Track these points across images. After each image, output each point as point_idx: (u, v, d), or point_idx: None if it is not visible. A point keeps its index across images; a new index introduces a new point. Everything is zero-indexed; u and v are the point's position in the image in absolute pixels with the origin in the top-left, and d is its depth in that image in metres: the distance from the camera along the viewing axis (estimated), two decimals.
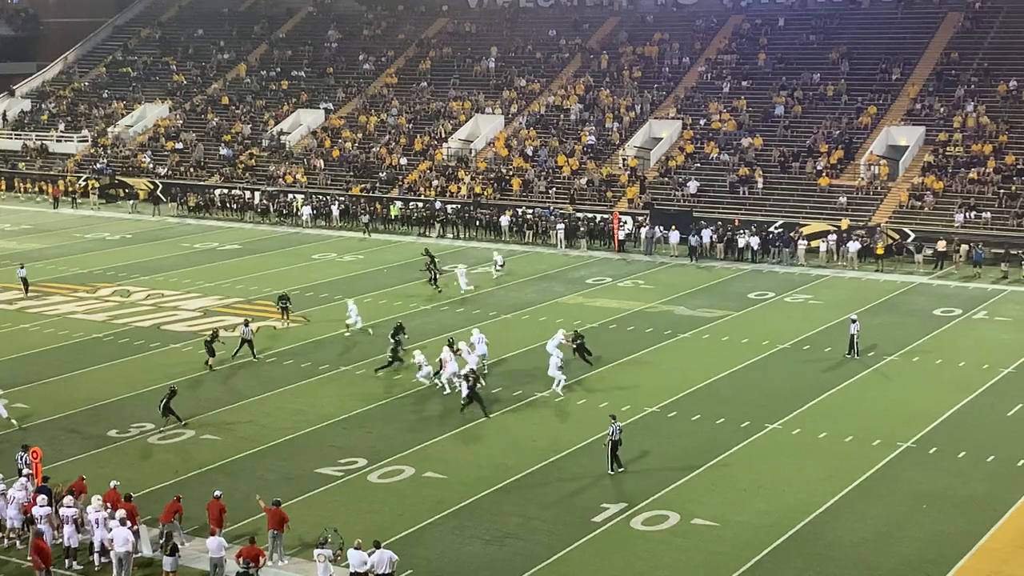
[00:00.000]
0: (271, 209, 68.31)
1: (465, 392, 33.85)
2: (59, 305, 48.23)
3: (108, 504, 25.01)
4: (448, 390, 35.60)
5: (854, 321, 39.41)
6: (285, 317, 44.11)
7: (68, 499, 25.04)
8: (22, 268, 50.94)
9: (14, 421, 33.20)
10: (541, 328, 42.95)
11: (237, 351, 39.86)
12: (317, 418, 33.69)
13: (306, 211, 66.75)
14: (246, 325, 40.66)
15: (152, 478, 28.51)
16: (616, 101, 72.88)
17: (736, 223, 58.17)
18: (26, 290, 49.62)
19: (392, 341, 38.23)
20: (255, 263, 56.35)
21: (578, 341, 38.13)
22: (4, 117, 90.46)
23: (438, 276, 49.30)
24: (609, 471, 29.18)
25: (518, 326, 43.62)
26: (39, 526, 24.60)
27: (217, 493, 25.77)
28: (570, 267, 55.15)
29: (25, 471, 26.69)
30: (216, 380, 37.69)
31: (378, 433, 32.51)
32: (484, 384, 35.43)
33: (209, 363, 38.65)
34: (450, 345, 36.94)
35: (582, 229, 59.87)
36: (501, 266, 52.13)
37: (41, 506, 24.74)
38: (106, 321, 45.44)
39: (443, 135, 73.96)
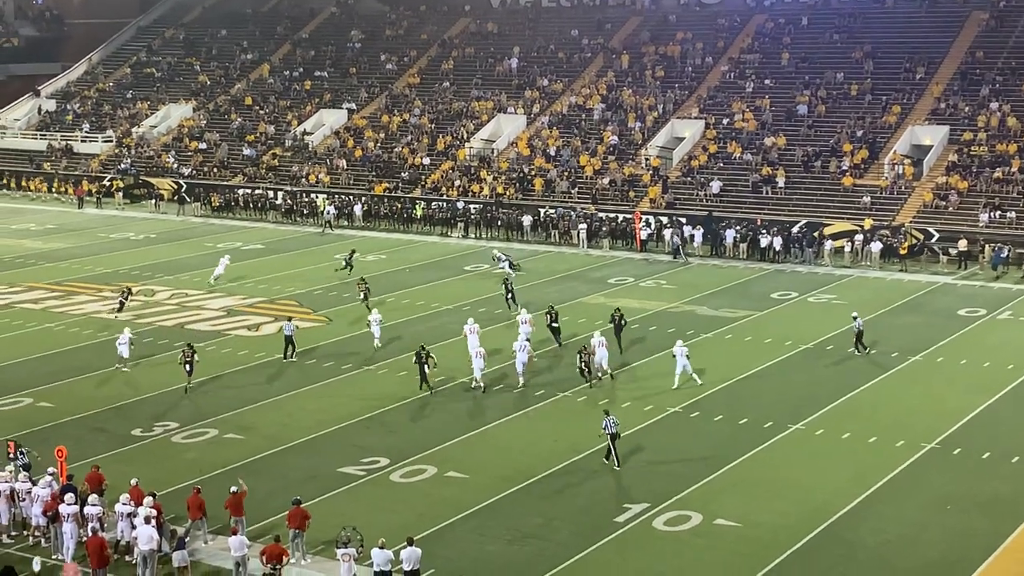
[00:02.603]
0: (294, 209, 68.53)
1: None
2: (83, 305, 48.51)
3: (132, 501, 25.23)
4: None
5: (855, 318, 39.55)
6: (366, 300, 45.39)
7: (93, 497, 25.20)
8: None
9: None
10: (563, 328, 42.97)
11: (287, 351, 39.44)
12: (340, 417, 33.79)
13: (330, 211, 66.95)
14: (289, 321, 40.82)
15: (176, 477, 28.66)
16: (638, 101, 72.76)
17: (759, 223, 58.00)
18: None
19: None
20: (278, 263, 56.55)
21: (554, 323, 39.90)
22: (40, 113, 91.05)
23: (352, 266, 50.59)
24: (616, 467, 29.32)
25: (540, 326, 43.55)
26: (66, 524, 24.74)
27: (233, 488, 25.90)
28: (592, 267, 55.10)
29: (50, 469, 26.85)
30: (240, 380, 37.84)
31: (400, 433, 32.58)
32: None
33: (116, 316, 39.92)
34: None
35: (604, 229, 59.82)
36: (504, 260, 51.91)
37: (69, 504, 24.90)
38: (131, 321, 45.67)
39: (465, 135, 74.03)
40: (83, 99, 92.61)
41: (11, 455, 28.10)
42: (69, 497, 25.08)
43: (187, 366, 36.64)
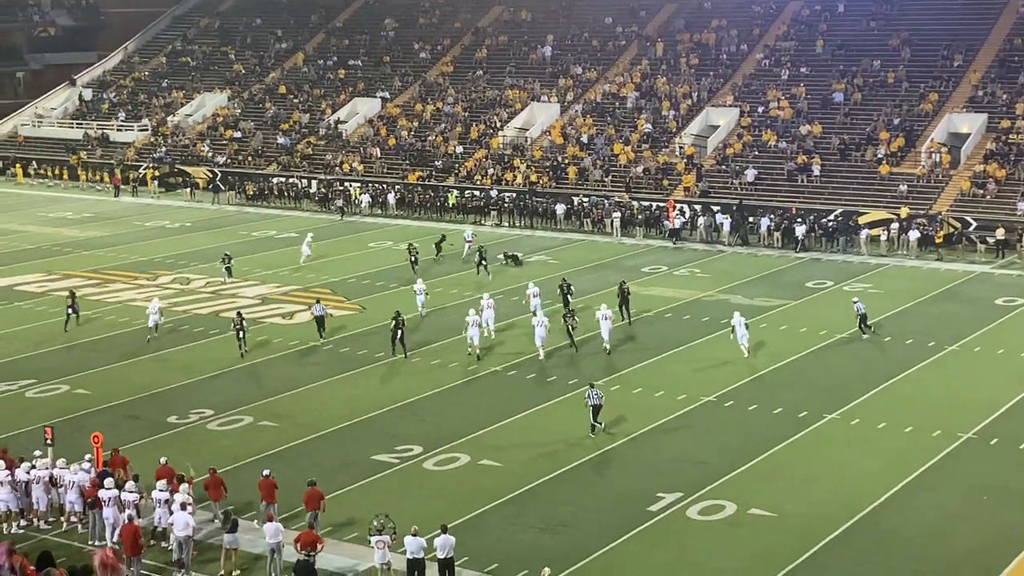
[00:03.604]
0: (328, 197, 68.74)
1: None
2: (119, 292, 48.87)
3: (157, 478, 25.59)
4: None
5: (856, 302, 40.42)
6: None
7: (130, 484, 25.41)
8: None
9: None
10: (594, 319, 42.96)
11: (322, 333, 40.38)
12: (373, 405, 33.91)
13: (364, 199, 67.08)
14: (317, 303, 41.45)
15: (211, 463, 28.67)
16: (673, 89, 72.47)
17: (794, 211, 57.69)
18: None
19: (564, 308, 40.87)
20: (312, 251, 56.70)
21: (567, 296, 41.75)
22: (77, 102, 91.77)
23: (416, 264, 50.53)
24: (591, 433, 30.62)
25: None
26: (107, 509, 24.95)
27: (266, 472, 26.04)
28: (625, 255, 55.00)
29: (88, 456, 27.10)
30: (275, 367, 38.03)
31: (433, 420, 32.69)
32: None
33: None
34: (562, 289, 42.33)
35: (639, 217, 59.68)
36: (470, 241, 53.28)
37: (108, 488, 25.11)
38: (165, 309, 45.95)
39: (499, 123, 73.99)
40: (119, 88, 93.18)
41: (48, 440, 28.37)
42: (108, 482, 25.30)
43: (240, 332, 38.96)
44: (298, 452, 30.46)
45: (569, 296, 42.85)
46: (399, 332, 38.22)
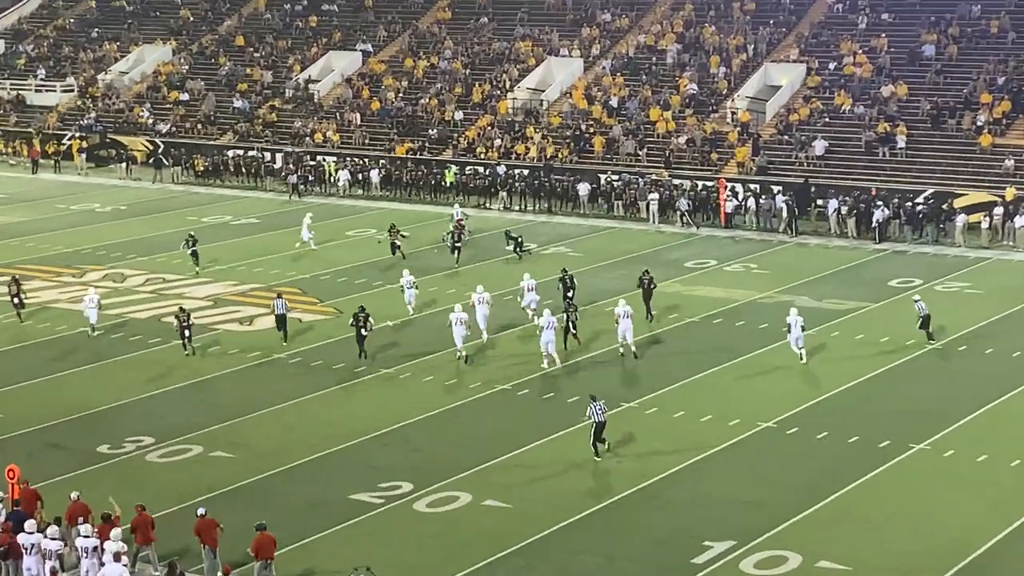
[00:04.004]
0: (297, 175, 68.79)
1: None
2: (39, 292, 48.92)
3: (70, 520, 25.65)
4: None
5: (917, 301, 40.64)
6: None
7: (52, 529, 25.39)
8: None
9: None
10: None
11: (285, 336, 41.52)
12: (352, 431, 33.91)
13: (343, 177, 67.17)
14: (279, 298, 41.98)
15: (152, 504, 28.75)
16: (724, 40, 72.36)
17: (873, 193, 57.64)
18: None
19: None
20: (277, 241, 56.77)
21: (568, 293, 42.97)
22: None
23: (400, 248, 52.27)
24: (596, 457, 31.31)
25: (600, 322, 43.49)
26: (28, 558, 24.91)
27: (201, 511, 26.06)
28: (665, 247, 54.95)
29: None
30: (231, 385, 38.09)
31: (427, 451, 32.66)
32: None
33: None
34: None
35: (681, 200, 59.66)
36: (460, 219, 54.50)
37: (29, 532, 25.07)
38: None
39: (508, 83, 73.97)
40: (37, 39, 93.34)
41: None
42: (29, 524, 25.27)
43: (184, 331, 40.29)
44: (258, 490, 30.45)
45: (571, 292, 43.60)
46: (362, 330, 39.54)
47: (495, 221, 59.89)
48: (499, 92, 73.53)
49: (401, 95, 76.02)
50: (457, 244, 52.03)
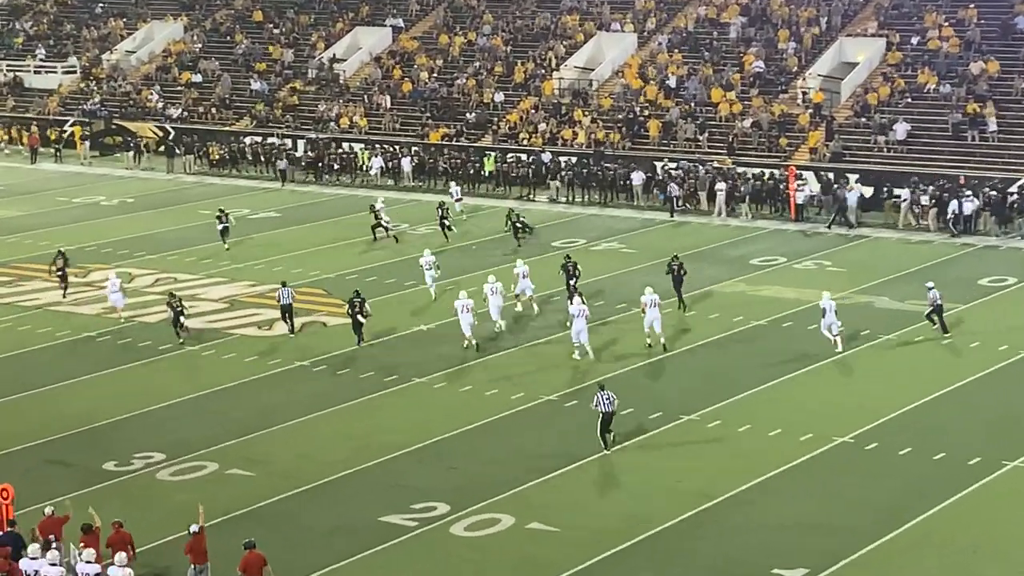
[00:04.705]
0: (320, 163, 69.04)
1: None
2: (38, 293, 49.27)
3: (43, 537, 25.86)
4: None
5: (930, 288, 41.40)
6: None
7: (53, 553, 25.52)
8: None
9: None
10: (689, 325, 42.78)
11: (292, 327, 43.09)
12: (382, 447, 33.96)
13: (375, 165, 67.34)
14: (283, 286, 43.55)
15: (161, 527, 28.92)
16: (793, 12, 72.11)
17: (961, 181, 57.34)
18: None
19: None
20: (298, 237, 57.01)
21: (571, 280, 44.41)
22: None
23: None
24: (604, 449, 32.67)
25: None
26: None
27: (194, 528, 26.23)
28: (728, 241, 54.87)
29: None
30: (248, 396, 38.22)
31: (465, 469, 32.69)
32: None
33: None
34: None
35: (742, 189, 59.53)
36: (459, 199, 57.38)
37: (32, 558, 25.22)
38: (101, 315, 46.31)
39: (554, 61, 73.95)
40: (37, 15, 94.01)
41: None
42: (33, 549, 25.37)
43: (179, 318, 42.14)
44: (278, 511, 30.52)
45: (574, 279, 44.80)
46: (357, 315, 41.62)
47: (540, 214, 59.86)
48: (544, 71, 73.52)
49: (435, 75, 76.11)
50: (445, 221, 55.00)
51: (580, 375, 38.70)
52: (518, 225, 54.22)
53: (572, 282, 44.60)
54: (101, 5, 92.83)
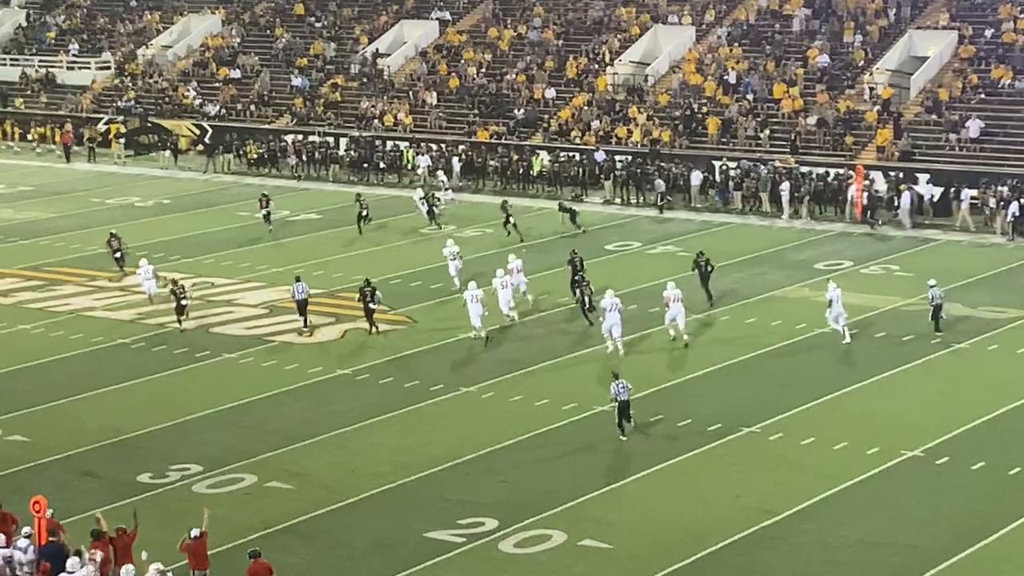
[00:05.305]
0: (365, 162, 69.29)
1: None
2: (71, 298, 49.62)
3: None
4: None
5: (932, 286, 42.32)
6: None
7: (73, 561, 25.67)
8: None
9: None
10: (750, 333, 42.69)
11: (307, 322, 44.54)
12: (427, 460, 34.00)
13: (422, 163, 67.56)
14: (298, 281, 44.96)
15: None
16: (860, 4, 71.82)
17: None
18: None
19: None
20: (340, 240, 57.18)
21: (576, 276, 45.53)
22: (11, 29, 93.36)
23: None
24: (622, 436, 34.41)
25: (715, 331, 43.36)
26: None
27: (195, 532, 26.47)
28: (792, 245, 54.74)
29: (26, 529, 27.48)
30: (288, 406, 38.34)
31: (514, 482, 32.71)
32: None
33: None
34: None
35: (803, 189, 59.34)
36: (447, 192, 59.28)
37: (71, 572, 25.42)
38: (135, 321, 46.57)
39: (608, 56, 73.91)
40: (69, 9, 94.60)
41: None
42: (72, 563, 25.58)
43: (179, 305, 44.49)
44: (319, 526, 30.60)
45: (579, 273, 45.98)
46: (370, 305, 43.65)
47: (593, 216, 59.86)
48: (597, 66, 73.49)
49: (484, 70, 76.18)
50: (433, 210, 58.24)
51: (637, 384, 38.53)
52: (567, 210, 56.91)
53: (578, 276, 45.51)
54: None
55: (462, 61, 77.22)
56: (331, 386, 39.86)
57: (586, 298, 43.65)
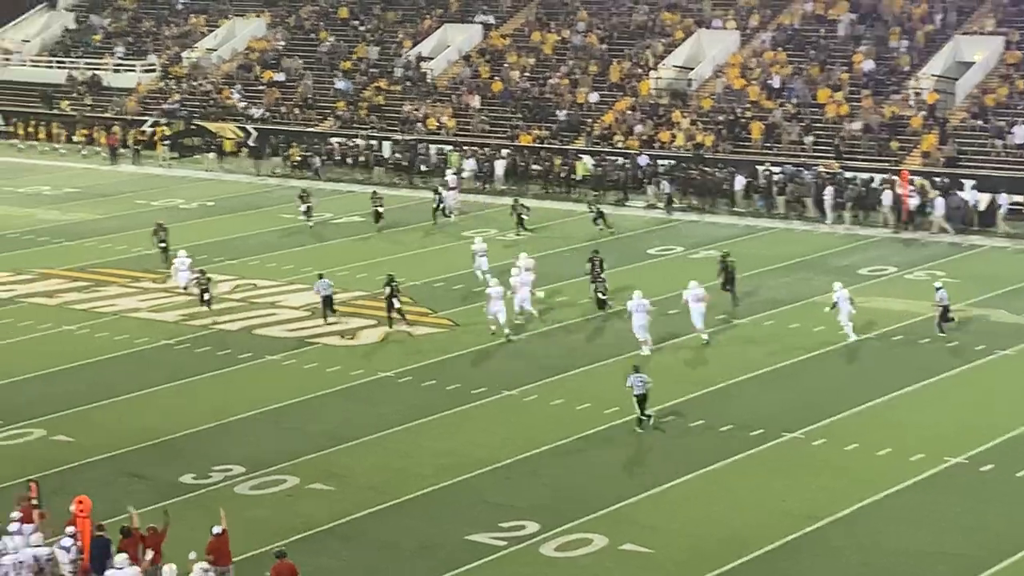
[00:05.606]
0: (408, 166, 69.49)
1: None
2: (115, 299, 49.86)
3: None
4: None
5: (939, 288, 43.01)
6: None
7: (122, 558, 25.83)
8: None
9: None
10: (793, 338, 42.57)
11: (328, 315, 45.54)
12: (469, 462, 34.03)
13: (468, 167, 67.77)
14: (321, 278, 46.05)
15: (240, 542, 29.14)
16: (906, 9, 71.57)
17: None
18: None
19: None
20: (382, 243, 57.29)
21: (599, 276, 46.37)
22: (58, 31, 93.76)
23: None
24: (638, 428, 35.14)
25: (758, 335, 43.26)
26: None
27: (216, 530, 26.78)
28: (836, 250, 54.58)
29: (69, 529, 27.61)
30: (331, 408, 38.45)
31: (555, 485, 32.69)
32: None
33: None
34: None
35: (846, 194, 59.16)
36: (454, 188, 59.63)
37: (119, 568, 25.59)
38: (179, 322, 46.79)
39: (651, 60, 73.83)
40: (116, 12, 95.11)
41: (33, 500, 28.95)
42: (121, 559, 25.74)
43: (204, 294, 46.24)
44: (360, 528, 30.66)
45: (599, 270, 46.88)
46: (394, 301, 44.50)
47: (634, 220, 59.86)
48: (641, 70, 73.42)
49: (527, 74, 76.21)
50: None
51: (684, 387, 38.60)
52: (597, 209, 57.77)
53: (597, 271, 46.50)
54: (182, 1, 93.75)
55: (505, 65, 77.27)
56: (373, 388, 39.95)
57: (598, 294, 45.74)
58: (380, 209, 59.53)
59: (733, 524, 30.29)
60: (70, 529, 27.63)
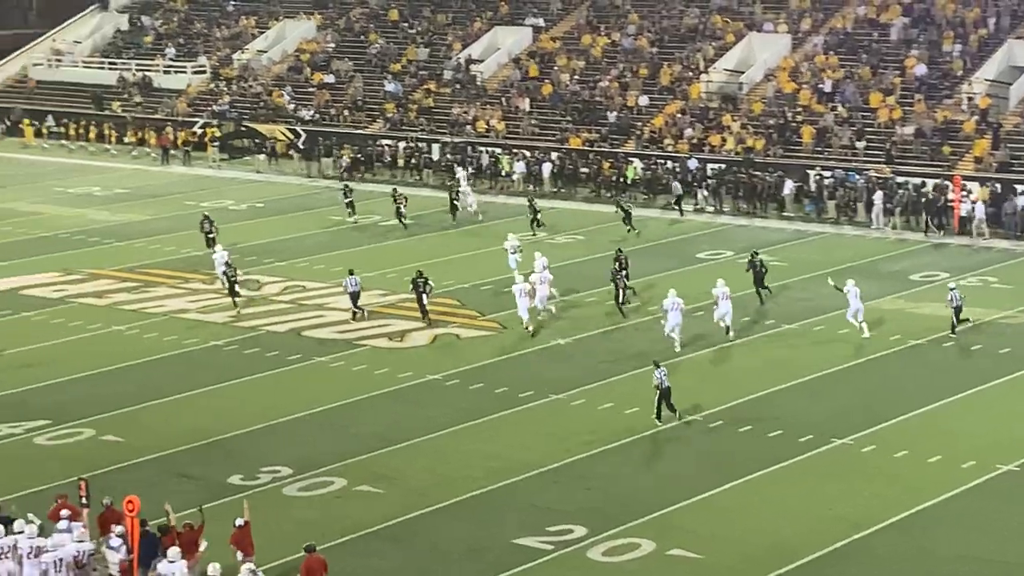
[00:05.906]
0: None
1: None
2: (164, 300, 50.10)
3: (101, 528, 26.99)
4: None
5: (952, 289, 43.47)
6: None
7: (174, 550, 26.03)
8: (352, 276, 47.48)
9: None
10: (842, 343, 42.44)
11: (355, 314, 46.31)
12: (517, 466, 34.04)
13: (518, 169, 67.84)
14: (351, 274, 46.77)
15: (287, 543, 29.22)
16: (959, 13, 71.19)
17: None
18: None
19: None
20: (431, 245, 57.36)
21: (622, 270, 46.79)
22: (109, 33, 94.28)
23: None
24: (657, 421, 35.78)
25: (808, 341, 43.10)
26: None
27: (239, 521, 27.21)
28: (886, 256, 54.35)
29: (118, 529, 27.77)
30: (378, 410, 38.53)
31: (603, 489, 32.65)
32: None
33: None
34: None
35: (896, 198, 58.91)
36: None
37: (172, 561, 25.83)
38: (228, 323, 46.96)
39: (702, 64, 73.70)
40: (167, 13, 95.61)
41: (82, 499, 29.13)
42: (173, 552, 25.93)
43: (234, 285, 47.31)
44: (408, 530, 30.70)
45: (624, 270, 47.27)
46: (422, 295, 45.58)
47: (686, 224, 59.70)
48: (691, 74, 73.30)
49: (577, 77, 76.18)
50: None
51: (728, 392, 38.49)
52: (624, 209, 58.14)
53: (623, 272, 46.87)
54: (232, 3, 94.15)
55: (555, 68, 77.25)
56: (421, 391, 40.01)
57: (620, 291, 46.14)
58: (402, 208, 60.19)
59: (782, 531, 30.21)
60: (119, 529, 27.80)
